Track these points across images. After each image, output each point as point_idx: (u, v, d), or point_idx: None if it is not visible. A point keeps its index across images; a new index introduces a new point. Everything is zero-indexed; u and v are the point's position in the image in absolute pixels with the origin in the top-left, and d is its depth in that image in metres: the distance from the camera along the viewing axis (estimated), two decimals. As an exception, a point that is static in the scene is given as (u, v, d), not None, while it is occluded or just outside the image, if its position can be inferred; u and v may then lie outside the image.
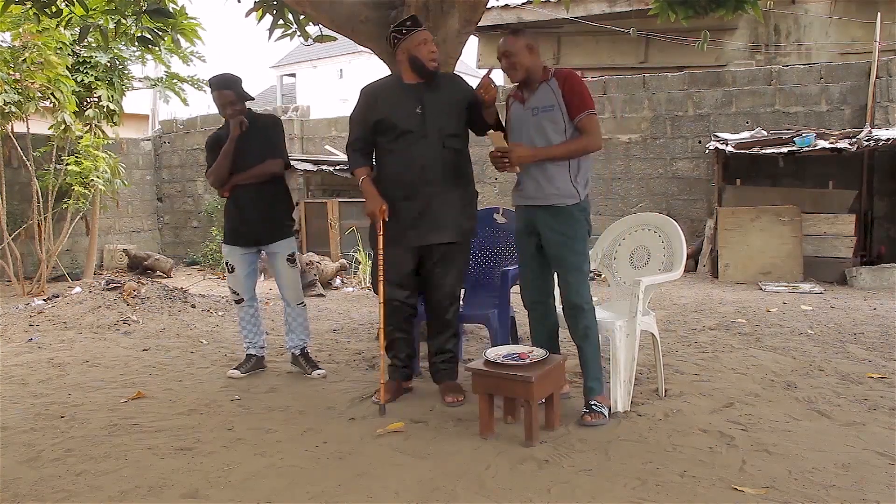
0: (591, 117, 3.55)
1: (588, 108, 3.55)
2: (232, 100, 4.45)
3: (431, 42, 3.84)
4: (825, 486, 2.72)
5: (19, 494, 2.80)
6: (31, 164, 9.02)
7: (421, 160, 3.79)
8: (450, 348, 4.01)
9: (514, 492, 2.72)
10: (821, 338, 5.34)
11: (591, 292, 3.64)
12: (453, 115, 3.86)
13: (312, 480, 2.86)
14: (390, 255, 3.86)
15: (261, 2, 6.42)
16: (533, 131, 3.63)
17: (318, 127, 12.86)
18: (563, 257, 3.61)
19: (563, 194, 3.58)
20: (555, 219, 3.61)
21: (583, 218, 3.62)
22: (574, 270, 3.60)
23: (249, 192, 4.47)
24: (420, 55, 3.79)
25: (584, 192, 3.62)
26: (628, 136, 10.48)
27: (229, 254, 4.59)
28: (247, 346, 4.71)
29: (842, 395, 3.87)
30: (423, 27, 3.90)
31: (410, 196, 3.81)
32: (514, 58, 3.62)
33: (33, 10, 5.53)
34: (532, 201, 3.68)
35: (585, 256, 3.65)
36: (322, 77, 34.17)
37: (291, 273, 4.60)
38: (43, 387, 4.42)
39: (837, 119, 9.40)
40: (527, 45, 3.60)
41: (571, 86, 3.56)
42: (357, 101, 3.96)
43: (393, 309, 3.92)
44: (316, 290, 8.42)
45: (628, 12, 11.95)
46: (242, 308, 4.63)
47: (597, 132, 3.57)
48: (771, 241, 8.60)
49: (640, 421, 3.50)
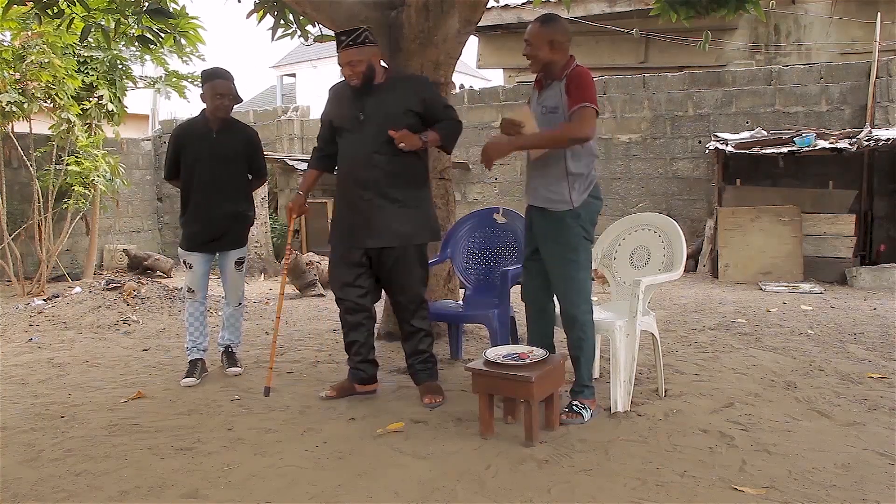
0: (582, 109, 3.35)
1: (584, 100, 3.35)
2: (223, 91, 4.43)
3: (354, 62, 3.74)
4: (825, 486, 2.72)
5: (19, 494, 2.80)
6: (33, 164, 9.02)
7: (358, 164, 3.81)
8: (423, 349, 3.98)
9: (514, 492, 2.72)
10: (821, 338, 5.34)
11: (589, 301, 3.58)
12: (395, 121, 3.74)
13: (312, 480, 2.86)
14: (337, 256, 3.93)
15: (261, 2, 6.42)
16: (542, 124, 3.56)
17: (317, 127, 12.76)
18: (553, 263, 3.57)
19: (554, 198, 3.51)
20: (546, 222, 3.56)
21: (576, 225, 3.50)
22: (565, 278, 3.53)
23: (213, 204, 4.46)
24: (344, 74, 3.81)
25: (580, 199, 3.48)
26: (628, 136, 10.49)
27: (187, 255, 4.61)
28: (190, 351, 4.63)
29: (842, 395, 3.87)
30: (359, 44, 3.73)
31: (350, 199, 3.86)
32: (532, 49, 3.50)
33: (35, 10, 5.53)
34: (530, 200, 3.66)
35: (579, 264, 3.52)
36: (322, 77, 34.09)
37: (237, 276, 4.70)
38: (43, 387, 4.42)
39: (837, 119, 9.41)
40: (549, 40, 3.45)
41: (575, 83, 3.41)
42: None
43: (345, 309, 3.96)
44: (316, 290, 8.41)
45: (628, 12, 11.96)
46: (193, 304, 4.64)
47: (582, 122, 3.35)
48: (771, 241, 8.60)
49: (640, 421, 3.50)
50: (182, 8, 6.49)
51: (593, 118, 3.39)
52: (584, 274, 3.56)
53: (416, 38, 5.20)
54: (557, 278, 3.57)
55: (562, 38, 3.49)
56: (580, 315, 3.53)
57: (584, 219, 3.52)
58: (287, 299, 8.14)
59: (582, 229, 3.51)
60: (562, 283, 3.56)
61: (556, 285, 3.60)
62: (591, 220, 3.57)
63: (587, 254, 3.58)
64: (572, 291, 3.53)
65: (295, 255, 8.41)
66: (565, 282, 3.54)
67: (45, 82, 8.24)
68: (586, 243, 3.55)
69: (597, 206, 3.59)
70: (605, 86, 10.67)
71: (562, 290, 3.57)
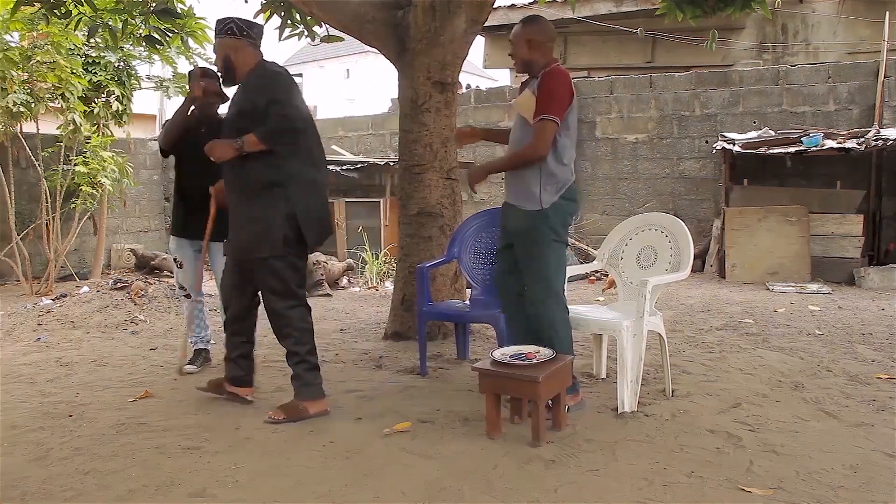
0: (542, 123, 3.41)
1: (544, 112, 3.41)
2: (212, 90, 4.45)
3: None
4: (833, 487, 2.71)
5: (28, 493, 2.81)
6: (40, 164, 9.05)
7: (218, 171, 3.81)
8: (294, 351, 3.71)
9: (520, 492, 2.72)
10: (828, 338, 5.32)
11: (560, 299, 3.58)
12: (229, 125, 3.70)
13: (319, 480, 2.86)
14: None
15: (268, 3, 6.43)
16: (516, 127, 3.67)
17: (324, 127, 12.86)
18: (523, 261, 3.61)
19: (523, 197, 3.56)
20: (516, 220, 3.61)
21: (545, 226, 3.51)
22: (533, 277, 3.56)
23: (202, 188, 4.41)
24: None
25: (549, 200, 3.50)
26: (635, 136, 10.47)
27: (177, 249, 4.67)
28: (194, 342, 4.83)
29: (850, 396, 3.86)
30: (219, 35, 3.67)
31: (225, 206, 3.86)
32: (513, 48, 3.60)
33: (42, 10, 5.56)
34: (505, 197, 3.72)
35: (548, 264, 3.53)
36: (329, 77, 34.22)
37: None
38: (51, 386, 4.44)
39: (845, 119, 9.37)
40: (527, 39, 3.54)
41: (543, 87, 3.46)
42: None
43: (224, 310, 3.98)
44: (323, 289, 8.43)
45: (635, 12, 11.93)
46: (191, 304, 4.72)
47: (540, 139, 3.42)
48: (778, 242, 8.58)
49: (647, 421, 3.50)
50: (189, 8, 6.51)
51: (551, 132, 3.45)
52: (555, 274, 3.57)
53: (422, 38, 5.21)
54: (527, 277, 3.61)
55: (541, 37, 3.56)
56: (549, 314, 3.54)
57: (554, 220, 3.54)
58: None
59: (551, 231, 3.53)
60: (531, 282, 3.60)
61: (526, 284, 3.63)
62: (561, 221, 3.58)
63: (558, 254, 3.59)
64: (540, 290, 3.56)
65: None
66: (534, 282, 3.58)
67: (53, 83, 8.27)
68: (557, 244, 3.57)
69: (569, 208, 3.61)
70: (612, 85, 10.66)
71: (530, 289, 3.60)
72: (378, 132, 12.26)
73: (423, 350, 4.54)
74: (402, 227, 5.55)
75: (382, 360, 4.86)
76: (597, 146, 10.66)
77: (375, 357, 4.98)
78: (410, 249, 5.46)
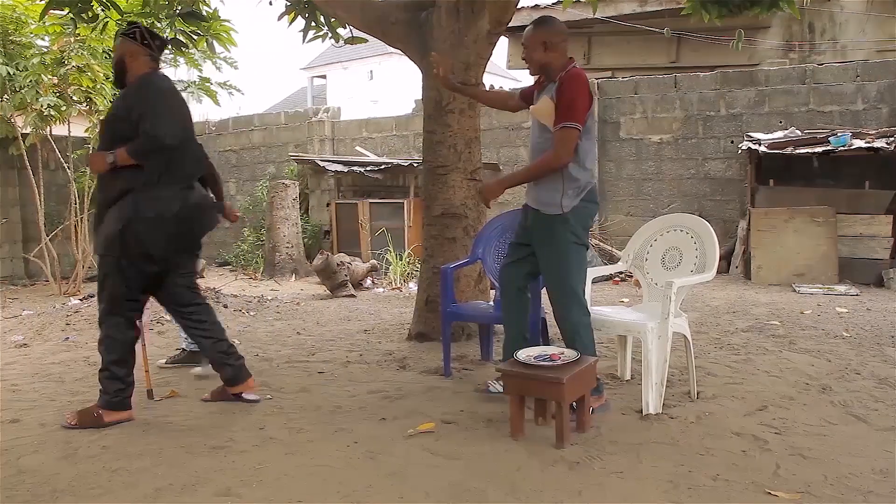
0: (563, 131, 3.40)
1: (565, 119, 3.39)
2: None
3: None
4: (862, 492, 2.68)
5: (58, 490, 2.85)
6: (69, 166, 9.17)
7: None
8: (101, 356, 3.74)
9: (544, 493, 2.71)
10: (857, 340, 5.25)
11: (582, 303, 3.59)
12: (113, 128, 3.68)
13: (343, 480, 2.87)
14: None
15: (293, 5, 6.47)
16: (534, 132, 3.67)
17: (348, 128, 12.93)
18: (545, 265, 3.63)
19: (545, 201, 3.56)
20: (538, 223, 3.62)
21: (565, 230, 3.51)
22: (556, 282, 3.58)
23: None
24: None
25: (570, 204, 3.50)
26: (660, 137, 10.41)
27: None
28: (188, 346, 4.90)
29: (879, 400, 3.80)
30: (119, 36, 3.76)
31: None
32: (528, 51, 3.58)
33: (70, 14, 5.63)
34: (527, 200, 3.73)
35: (570, 268, 3.54)
36: (352, 78, 34.34)
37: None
38: (80, 385, 4.50)
39: (874, 118, 9.24)
40: (542, 41, 3.53)
41: (563, 92, 3.43)
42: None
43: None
44: (347, 290, 8.46)
45: (660, 11, 11.84)
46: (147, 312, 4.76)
47: (563, 147, 3.42)
48: (805, 243, 8.48)
49: (672, 423, 3.48)
50: (214, 11, 6.57)
51: (573, 139, 3.43)
52: (576, 277, 3.58)
53: (446, 39, 5.21)
54: (549, 281, 3.63)
55: (556, 38, 3.55)
56: (571, 317, 3.56)
57: (575, 224, 3.54)
58: (318, 300, 8.21)
59: (572, 234, 3.54)
60: (553, 286, 3.61)
61: (548, 288, 3.65)
62: (583, 224, 3.59)
63: (579, 257, 3.59)
64: (563, 295, 3.57)
65: (326, 256, 8.48)
66: (556, 285, 3.59)
67: (86, 86, 8.38)
68: (578, 248, 3.58)
69: (591, 211, 3.63)
70: (637, 86, 10.60)
71: (554, 294, 3.62)
72: (402, 133, 12.28)
73: (446, 351, 4.54)
74: (426, 228, 5.57)
75: (406, 362, 4.87)
76: (621, 147, 10.61)
77: (399, 358, 4.99)
78: (434, 250, 5.47)
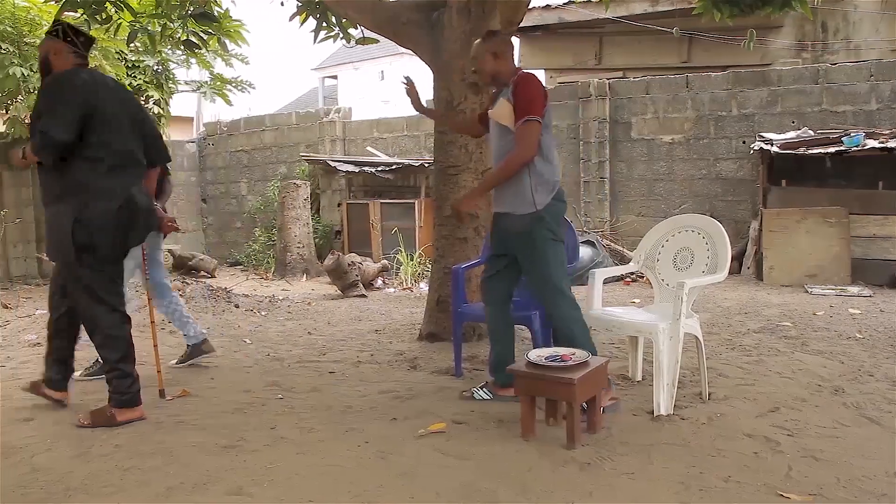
0: (525, 125, 3.47)
1: (526, 114, 3.47)
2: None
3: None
4: (876, 494, 2.66)
5: (71, 487, 2.87)
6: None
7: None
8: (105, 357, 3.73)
9: (555, 494, 2.71)
10: (870, 342, 5.22)
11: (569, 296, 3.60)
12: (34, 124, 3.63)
13: (354, 480, 2.88)
14: None
15: (304, 5, 6.49)
16: (495, 137, 3.72)
17: (359, 128, 12.95)
18: (526, 266, 3.66)
19: (517, 202, 3.59)
20: (512, 227, 3.65)
21: (542, 228, 3.56)
22: (539, 279, 3.61)
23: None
24: None
25: (543, 201, 3.55)
26: (671, 137, 10.37)
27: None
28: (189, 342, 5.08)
29: (892, 402, 3.77)
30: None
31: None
32: (478, 63, 3.71)
33: (84, 15, 5.66)
34: (495, 207, 3.76)
35: (550, 264, 3.57)
36: (363, 79, 34.39)
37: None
38: (92, 384, 4.51)
39: (888, 118, 9.17)
40: (492, 52, 3.66)
41: (518, 92, 3.52)
42: None
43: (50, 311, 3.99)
44: (358, 290, 8.48)
45: (671, 11, 11.81)
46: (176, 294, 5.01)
47: (525, 140, 3.48)
48: (817, 243, 8.43)
49: (684, 425, 3.47)
50: (226, 11, 6.60)
51: (536, 132, 3.51)
52: (558, 273, 3.61)
53: (457, 39, 5.22)
54: (533, 282, 3.68)
55: (503, 47, 3.72)
56: (561, 313, 3.59)
57: (550, 220, 3.60)
58: (329, 300, 8.22)
59: (549, 231, 3.59)
60: (537, 286, 3.66)
61: (533, 288, 3.71)
62: (556, 221, 3.65)
63: (557, 253, 3.63)
64: (549, 292, 3.61)
65: (337, 256, 8.49)
66: (540, 285, 3.63)
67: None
68: (555, 244, 3.62)
69: (560, 209, 3.68)
70: (648, 86, 10.57)
71: (539, 292, 3.67)
72: (413, 133, 12.29)
73: (458, 351, 4.55)
74: (438, 228, 5.57)
75: (418, 362, 4.88)
76: (632, 147, 10.58)
77: (410, 358, 5.00)
78: (445, 251, 5.47)
